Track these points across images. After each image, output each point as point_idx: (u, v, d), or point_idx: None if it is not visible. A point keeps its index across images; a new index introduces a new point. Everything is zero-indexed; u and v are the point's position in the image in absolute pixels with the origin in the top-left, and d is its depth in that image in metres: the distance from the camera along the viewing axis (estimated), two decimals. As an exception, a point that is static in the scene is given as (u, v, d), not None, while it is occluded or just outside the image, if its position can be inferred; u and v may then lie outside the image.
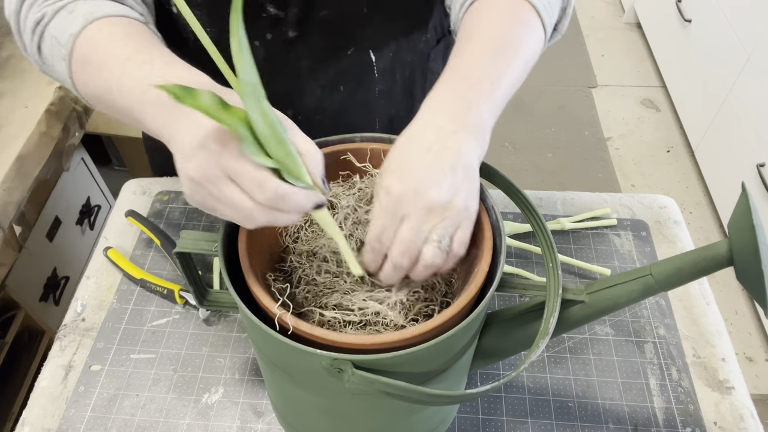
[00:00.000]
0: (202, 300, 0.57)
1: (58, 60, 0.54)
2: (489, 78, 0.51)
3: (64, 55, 0.52)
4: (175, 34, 0.69)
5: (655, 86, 2.55)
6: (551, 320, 0.47)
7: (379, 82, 0.78)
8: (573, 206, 0.86)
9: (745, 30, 1.88)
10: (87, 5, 0.54)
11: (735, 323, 1.79)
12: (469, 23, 0.57)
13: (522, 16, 0.56)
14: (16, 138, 1.00)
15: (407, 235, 0.44)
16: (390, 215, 0.45)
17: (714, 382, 0.68)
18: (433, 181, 0.44)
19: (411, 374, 0.45)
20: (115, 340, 0.70)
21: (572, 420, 0.65)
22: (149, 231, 0.79)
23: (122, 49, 0.50)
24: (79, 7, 0.54)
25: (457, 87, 0.50)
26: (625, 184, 2.17)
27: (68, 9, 0.54)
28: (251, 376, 0.68)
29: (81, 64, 0.52)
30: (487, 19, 0.56)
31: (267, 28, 0.69)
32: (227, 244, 0.49)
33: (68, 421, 0.64)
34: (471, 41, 0.54)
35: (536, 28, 0.57)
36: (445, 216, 0.45)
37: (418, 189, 0.44)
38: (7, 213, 0.95)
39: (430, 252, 0.45)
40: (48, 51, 0.55)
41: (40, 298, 1.24)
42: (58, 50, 0.53)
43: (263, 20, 0.68)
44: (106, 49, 0.50)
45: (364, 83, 0.77)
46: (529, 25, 0.56)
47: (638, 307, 0.75)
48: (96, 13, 0.52)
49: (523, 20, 0.56)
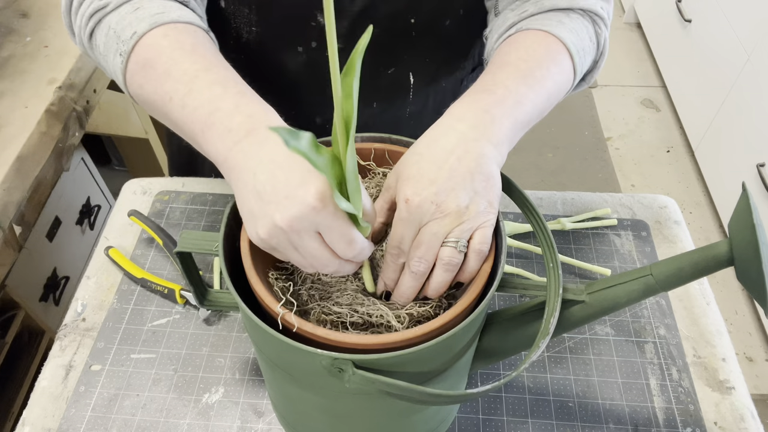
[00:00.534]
0: (203, 300, 0.57)
1: (113, 53, 0.53)
2: (514, 97, 0.52)
3: (123, 51, 0.51)
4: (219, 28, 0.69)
5: (655, 86, 2.55)
6: (552, 320, 0.47)
7: (411, 104, 0.79)
8: (573, 206, 0.86)
9: (745, 30, 1.88)
10: (154, 5, 0.53)
11: (735, 323, 1.79)
12: (504, 50, 0.59)
13: (556, 55, 0.57)
14: (16, 138, 1.00)
15: (425, 238, 0.45)
16: (409, 224, 0.45)
17: (714, 382, 0.68)
18: (452, 188, 0.45)
19: (411, 374, 0.45)
20: (116, 340, 0.70)
21: (572, 420, 0.65)
22: (151, 230, 0.79)
23: (191, 65, 0.49)
24: (146, 6, 0.53)
25: (482, 100, 0.51)
26: (625, 184, 2.17)
27: (133, 4, 0.53)
28: (252, 376, 0.68)
29: (141, 66, 0.51)
30: (521, 49, 0.57)
31: (314, 37, 0.69)
32: (228, 244, 0.49)
33: (68, 421, 0.64)
34: (502, 65, 0.55)
35: (567, 70, 0.58)
36: (463, 220, 0.45)
37: (437, 197, 0.44)
38: (7, 213, 0.95)
39: (447, 252, 0.46)
40: (102, 41, 0.54)
41: (40, 298, 1.24)
42: (116, 45, 0.52)
43: (312, 29, 0.68)
44: (172, 58, 0.50)
45: (397, 102, 0.78)
46: (561, 64, 0.57)
47: (638, 307, 0.75)
48: (163, 17, 0.52)
49: (557, 59, 0.57)
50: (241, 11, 0.68)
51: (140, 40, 0.51)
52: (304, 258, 0.44)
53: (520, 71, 0.54)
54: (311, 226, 0.42)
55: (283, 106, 0.74)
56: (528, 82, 0.53)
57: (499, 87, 0.52)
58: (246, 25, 0.69)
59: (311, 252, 0.43)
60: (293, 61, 0.72)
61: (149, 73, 0.50)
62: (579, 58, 0.59)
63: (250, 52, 0.72)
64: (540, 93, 0.54)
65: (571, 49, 0.58)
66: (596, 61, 0.65)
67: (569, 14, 0.61)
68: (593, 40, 0.62)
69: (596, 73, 0.66)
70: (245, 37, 0.70)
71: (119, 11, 0.53)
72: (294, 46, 0.70)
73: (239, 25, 0.70)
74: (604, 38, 0.64)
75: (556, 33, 0.58)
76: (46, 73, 1.10)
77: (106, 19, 0.53)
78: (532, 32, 0.59)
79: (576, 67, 0.59)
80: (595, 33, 0.63)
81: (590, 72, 0.65)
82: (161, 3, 0.54)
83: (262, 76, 0.74)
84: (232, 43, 0.71)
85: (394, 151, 0.55)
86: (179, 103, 0.48)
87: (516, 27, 0.61)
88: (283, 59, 0.72)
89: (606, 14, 0.63)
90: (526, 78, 0.54)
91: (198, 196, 0.85)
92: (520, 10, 0.62)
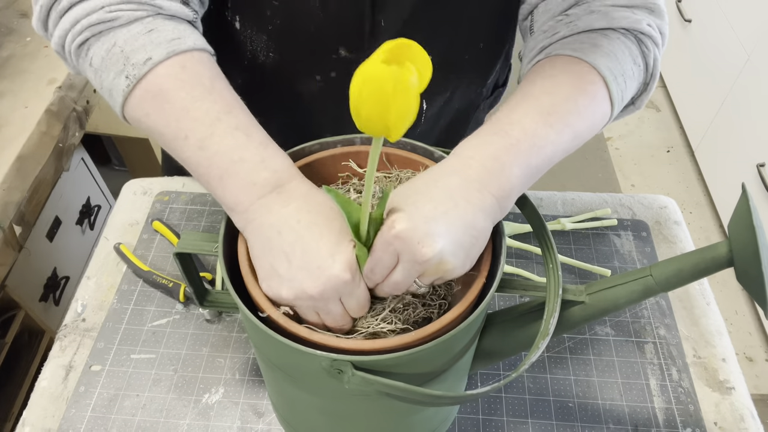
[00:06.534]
0: (203, 300, 0.57)
1: (114, 72, 0.49)
2: (530, 140, 0.48)
3: (132, 75, 0.49)
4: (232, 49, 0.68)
5: (655, 86, 2.55)
6: (551, 321, 0.47)
7: (421, 125, 0.77)
8: (573, 206, 0.86)
9: (745, 30, 1.88)
10: (168, 28, 0.50)
11: (735, 323, 1.79)
12: (531, 79, 0.54)
13: (587, 86, 0.52)
14: (16, 138, 1.00)
15: (398, 279, 0.45)
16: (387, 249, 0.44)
17: (714, 383, 0.68)
18: (439, 235, 0.43)
19: (411, 375, 0.45)
20: (116, 340, 0.70)
21: (572, 420, 0.65)
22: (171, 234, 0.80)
23: (212, 105, 0.48)
24: (160, 29, 0.50)
25: (494, 144, 0.48)
26: (625, 184, 2.17)
27: (146, 25, 0.50)
28: (251, 377, 0.68)
29: (153, 96, 0.48)
30: (546, 79, 0.52)
31: (335, 68, 0.68)
32: (228, 245, 0.49)
33: (68, 422, 0.64)
34: (525, 98, 0.51)
35: (601, 102, 0.53)
36: (437, 272, 0.44)
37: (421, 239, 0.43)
38: (7, 213, 0.95)
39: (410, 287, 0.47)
40: (101, 55, 0.50)
41: (40, 298, 1.24)
42: (122, 65, 0.49)
43: (333, 61, 0.67)
44: (191, 95, 0.48)
45: None
46: (594, 97, 0.52)
47: (638, 307, 0.75)
48: (180, 45, 0.49)
49: (587, 90, 0.52)
50: (259, 37, 0.67)
51: (155, 68, 0.48)
52: (321, 318, 0.46)
53: (542, 107, 0.50)
54: (338, 294, 0.44)
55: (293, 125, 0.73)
56: (549, 120, 0.49)
57: (515, 127, 0.48)
58: (263, 50, 0.68)
59: (331, 314, 0.45)
60: (309, 87, 0.71)
61: (162, 105, 0.48)
62: (616, 86, 0.53)
63: (264, 74, 0.71)
64: (563, 132, 0.49)
65: (607, 77, 0.52)
66: (646, 84, 0.59)
67: (608, 35, 0.55)
68: (638, 62, 0.56)
69: (647, 97, 0.60)
70: (261, 59, 0.69)
71: (129, 29, 0.50)
72: (312, 74, 0.69)
73: (255, 48, 0.68)
74: (654, 58, 0.57)
75: (587, 59, 0.52)
76: (46, 73, 1.10)
77: (110, 33, 0.50)
78: (561, 58, 0.54)
79: (613, 95, 0.53)
80: (641, 54, 0.56)
81: (639, 96, 0.59)
82: (175, 26, 0.51)
83: (275, 96, 0.73)
84: (246, 64, 0.70)
85: (392, 154, 0.55)
86: (196, 144, 0.47)
87: (545, 52, 0.56)
88: (300, 85, 0.71)
89: (656, 32, 0.56)
90: (548, 115, 0.49)
91: (198, 196, 0.85)
92: (552, 31, 0.56)
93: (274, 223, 0.45)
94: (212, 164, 0.47)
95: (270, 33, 0.66)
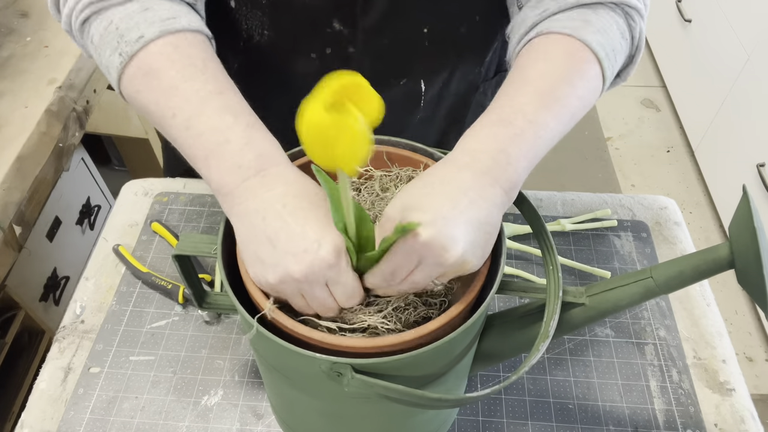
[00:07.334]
0: (202, 302, 0.57)
1: (110, 49, 0.50)
2: (533, 129, 0.49)
3: (125, 52, 0.49)
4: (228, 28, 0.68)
5: (655, 86, 2.55)
6: (551, 323, 0.47)
7: (422, 110, 0.77)
8: (573, 207, 0.86)
9: (745, 30, 1.88)
10: (163, 8, 0.51)
11: (735, 323, 1.79)
12: (523, 62, 0.54)
13: (581, 64, 0.53)
14: (16, 138, 1.00)
15: (419, 280, 0.45)
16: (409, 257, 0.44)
17: (714, 384, 0.68)
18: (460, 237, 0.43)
19: (410, 377, 0.45)
20: (115, 341, 0.70)
21: (572, 422, 0.65)
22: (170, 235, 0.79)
23: (203, 84, 0.48)
24: (155, 8, 0.51)
25: (499, 135, 0.48)
26: (625, 184, 2.17)
27: (142, 4, 0.51)
28: (251, 378, 0.68)
29: (144, 73, 0.49)
30: (541, 61, 0.53)
31: (329, 43, 0.68)
32: (226, 247, 0.49)
33: (67, 424, 0.64)
34: (522, 83, 0.52)
35: (593, 78, 0.53)
36: (458, 272, 0.45)
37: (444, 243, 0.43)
38: (7, 213, 0.95)
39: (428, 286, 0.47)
40: (99, 33, 0.51)
41: (40, 298, 1.24)
42: (116, 42, 0.50)
43: (327, 35, 0.67)
44: (182, 75, 0.48)
45: (407, 109, 0.76)
46: (587, 74, 0.53)
47: (638, 308, 0.75)
48: (174, 24, 0.50)
49: (582, 69, 0.52)
50: (254, 14, 0.67)
51: (147, 46, 0.49)
52: (307, 303, 0.45)
53: (541, 92, 0.50)
54: (324, 278, 0.43)
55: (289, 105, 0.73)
56: (549, 105, 0.50)
57: (518, 116, 0.49)
58: (258, 27, 0.68)
59: (317, 299, 0.45)
60: (305, 66, 0.71)
61: (152, 83, 0.49)
62: (608, 62, 0.54)
63: (260, 55, 0.71)
64: (562, 115, 0.50)
65: (599, 54, 0.53)
66: (632, 56, 0.59)
67: (596, 10, 0.55)
68: (626, 35, 0.57)
69: (632, 69, 0.61)
70: (256, 39, 0.69)
71: (126, 7, 0.51)
72: (308, 52, 0.69)
73: (251, 27, 0.68)
74: (639, 31, 0.58)
75: (580, 37, 0.53)
76: (46, 73, 1.10)
77: (108, 11, 0.51)
78: (554, 37, 0.54)
79: (605, 72, 0.54)
80: (628, 27, 0.57)
81: (625, 68, 0.61)
82: (171, 6, 0.52)
83: (271, 78, 0.73)
84: (242, 45, 0.70)
85: (393, 153, 0.55)
86: (183, 123, 0.47)
87: (536, 29, 0.56)
88: (295, 64, 0.71)
89: (641, 4, 0.57)
90: (547, 100, 0.50)
91: (197, 197, 0.85)
92: (541, 7, 0.57)
93: (259, 208, 0.44)
94: (198, 144, 0.47)
95: (264, 8, 0.66)
